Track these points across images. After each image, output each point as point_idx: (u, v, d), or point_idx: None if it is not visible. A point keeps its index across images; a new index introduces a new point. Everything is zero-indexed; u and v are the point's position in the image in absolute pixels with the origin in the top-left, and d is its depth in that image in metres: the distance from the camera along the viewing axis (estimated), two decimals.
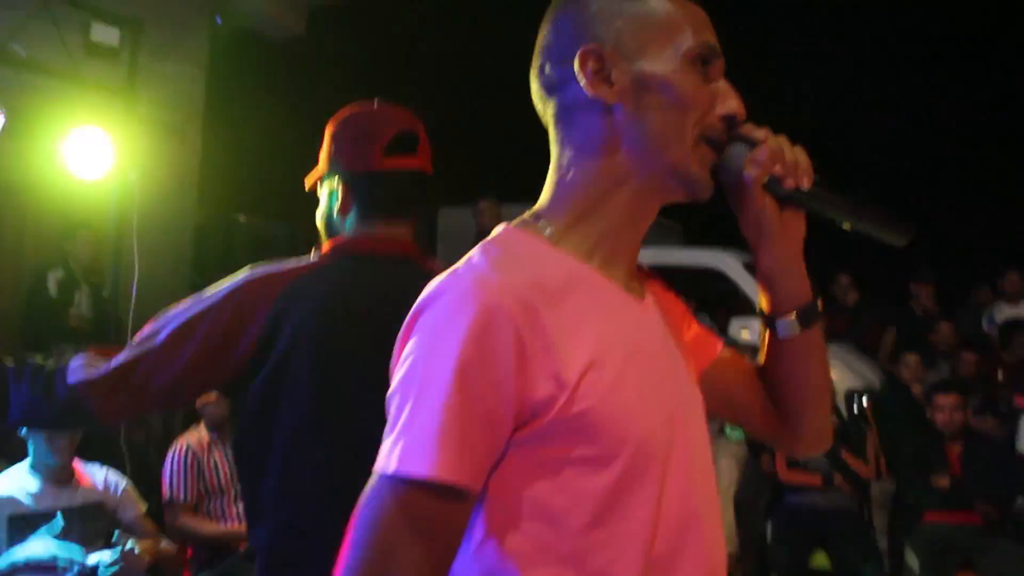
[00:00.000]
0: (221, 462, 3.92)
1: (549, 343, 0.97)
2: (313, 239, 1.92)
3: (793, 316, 1.18)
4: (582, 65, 1.07)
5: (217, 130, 6.51)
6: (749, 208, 1.12)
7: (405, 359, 0.98)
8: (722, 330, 6.52)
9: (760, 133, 1.09)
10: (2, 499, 2.96)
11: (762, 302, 1.22)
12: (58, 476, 3.10)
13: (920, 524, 4.76)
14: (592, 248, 1.09)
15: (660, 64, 1.06)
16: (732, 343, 5.34)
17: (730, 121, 1.08)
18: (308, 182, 1.88)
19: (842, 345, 7.14)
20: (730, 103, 1.08)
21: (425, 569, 0.93)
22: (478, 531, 1.00)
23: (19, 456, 3.20)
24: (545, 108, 1.14)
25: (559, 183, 1.11)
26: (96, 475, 3.26)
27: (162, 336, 1.63)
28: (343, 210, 1.79)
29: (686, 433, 1.09)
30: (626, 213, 1.10)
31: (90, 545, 3.09)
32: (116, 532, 3.12)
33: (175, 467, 3.87)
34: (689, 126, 1.06)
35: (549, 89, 1.12)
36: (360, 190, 1.79)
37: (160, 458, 4.04)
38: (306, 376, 1.62)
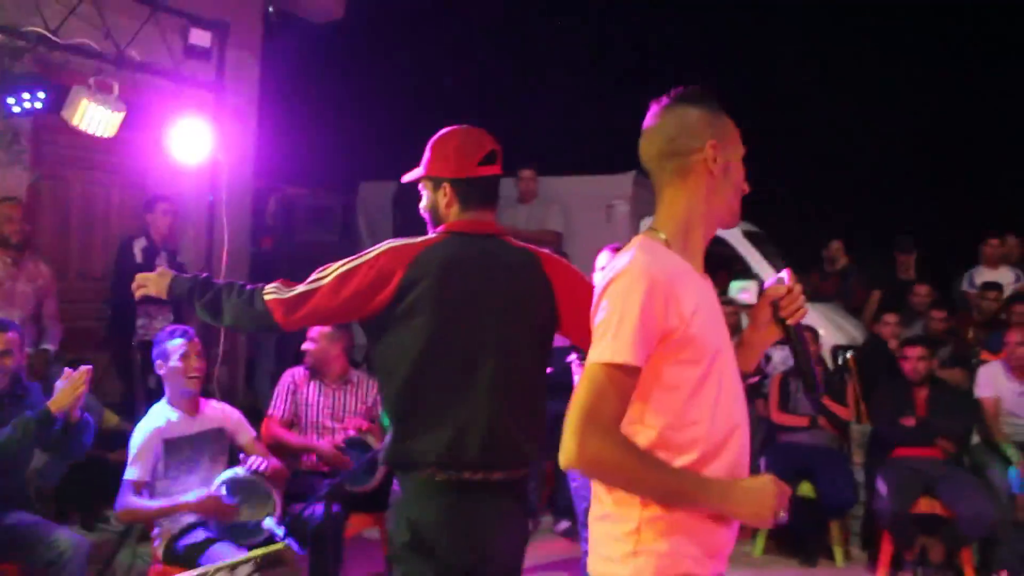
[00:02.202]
0: (312, 397, 4.71)
1: (678, 299, 1.84)
2: (349, 205, 2.81)
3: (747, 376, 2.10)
4: (711, 150, 1.95)
5: (269, 109, 7.17)
6: (760, 312, 2.11)
7: (605, 305, 1.83)
8: (722, 291, 7.28)
9: (791, 282, 2.08)
10: (156, 428, 3.75)
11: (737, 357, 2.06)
12: (189, 407, 3.90)
13: (890, 458, 5.56)
14: (683, 250, 1.97)
15: (734, 158, 1.99)
16: (729, 302, 6.07)
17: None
18: (406, 178, 2.68)
19: (831, 305, 7.93)
20: (745, 186, 2.03)
21: (618, 410, 1.80)
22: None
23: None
24: (665, 163, 1.99)
25: (670, 211, 2.00)
26: (215, 407, 4.05)
27: (329, 279, 2.49)
28: (449, 204, 2.60)
29: (729, 352, 1.98)
30: (702, 233, 2.01)
31: (216, 460, 3.90)
32: (240, 455, 3.91)
33: (279, 389, 4.73)
34: (737, 196, 2.02)
35: (677, 154, 1.98)
36: (462, 190, 2.59)
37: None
38: (430, 314, 2.46)
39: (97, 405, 5.21)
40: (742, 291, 6.36)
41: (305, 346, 4.72)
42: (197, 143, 4.87)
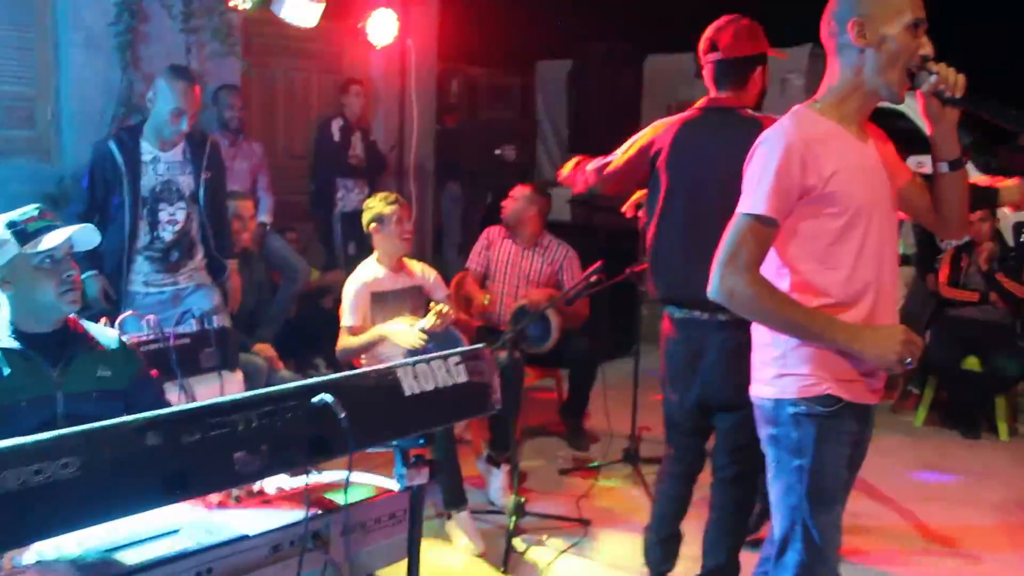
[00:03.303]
0: (504, 255, 5.15)
1: (817, 160, 2.07)
2: (527, 84, 3.59)
3: (947, 165, 2.24)
4: (852, 28, 2.10)
5: None
6: (928, 104, 2.15)
7: (754, 164, 2.15)
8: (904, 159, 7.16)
9: (937, 67, 2.12)
10: (367, 281, 4.32)
11: (933, 153, 2.27)
12: (394, 266, 4.44)
13: None
14: (839, 117, 2.16)
15: (891, 29, 2.09)
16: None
17: (924, 58, 2.15)
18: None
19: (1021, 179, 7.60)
20: (925, 49, 2.12)
21: (756, 254, 2.10)
22: (777, 245, 2.18)
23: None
24: (829, 40, 2.18)
25: (828, 82, 2.19)
26: (415, 267, 4.59)
27: (617, 154, 3.23)
28: (708, 83, 3.15)
29: (881, 213, 2.17)
30: (859, 102, 2.17)
31: (416, 313, 4.46)
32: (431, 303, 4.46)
33: (477, 246, 5.25)
34: (901, 63, 2.10)
35: (833, 33, 2.16)
36: (715, 72, 3.12)
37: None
38: (677, 168, 3.07)
39: (306, 267, 5.93)
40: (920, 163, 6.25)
41: (505, 202, 5.17)
42: (387, 28, 5.30)
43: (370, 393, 1.74)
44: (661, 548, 3.33)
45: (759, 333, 2.24)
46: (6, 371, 2.25)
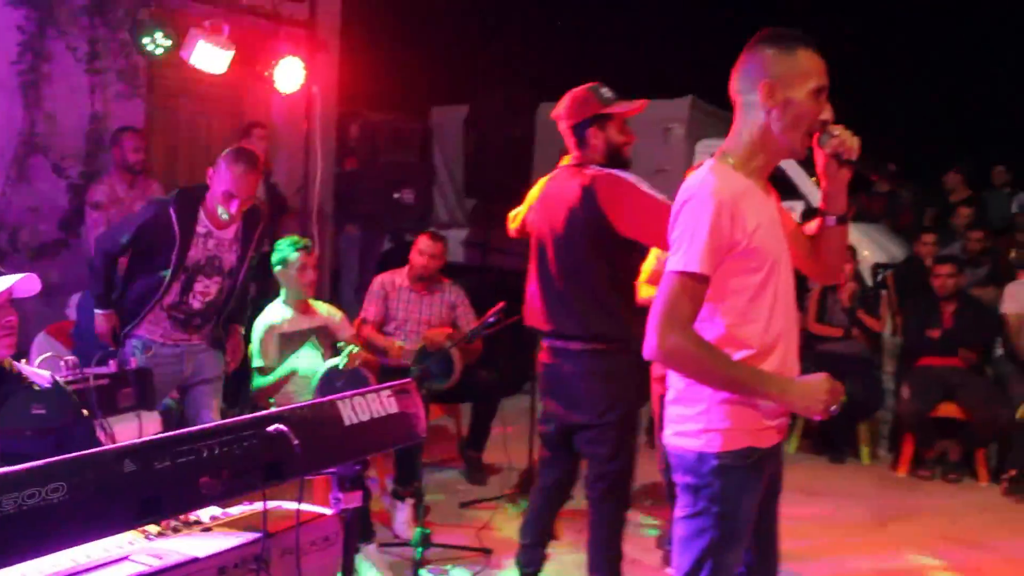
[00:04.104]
0: (413, 302, 5.39)
1: (743, 215, 2.14)
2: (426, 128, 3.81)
3: (834, 219, 2.38)
4: (762, 88, 2.20)
5: (351, 41, 7.70)
6: (828, 164, 2.28)
7: (684, 220, 2.17)
8: None
9: (837, 129, 2.25)
10: (274, 323, 4.47)
11: (822, 206, 2.46)
12: (300, 307, 4.60)
13: (916, 366, 6.09)
14: (750, 173, 2.24)
15: (797, 93, 2.19)
16: None
17: (823, 122, 2.25)
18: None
19: (877, 225, 8.33)
20: (826, 114, 2.24)
21: (691, 311, 2.13)
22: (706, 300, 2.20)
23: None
24: (737, 96, 2.28)
25: (738, 140, 2.27)
26: (321, 308, 4.76)
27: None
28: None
29: (785, 264, 2.27)
30: (765, 159, 2.27)
31: (324, 353, 4.62)
32: (338, 344, 4.63)
33: (370, 295, 5.42)
34: (803, 126, 2.22)
35: (741, 91, 2.26)
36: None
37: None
38: (533, 220, 3.62)
39: None
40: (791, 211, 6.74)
41: (416, 257, 5.38)
42: (294, 76, 5.49)
43: (314, 423, 1.94)
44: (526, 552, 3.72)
45: (679, 385, 2.30)
46: None
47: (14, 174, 5.25)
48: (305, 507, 2.21)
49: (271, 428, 1.78)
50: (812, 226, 2.49)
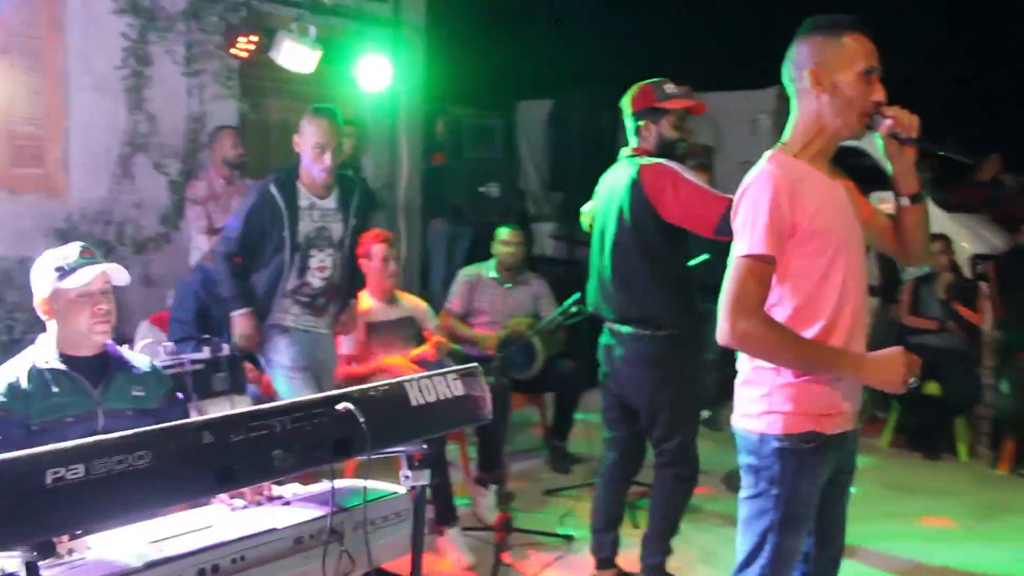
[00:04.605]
0: (498, 294, 5.49)
1: (802, 199, 2.20)
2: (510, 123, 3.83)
3: (907, 199, 2.39)
4: (810, 75, 2.27)
5: (438, 38, 7.83)
6: (887, 144, 2.30)
7: (744, 208, 2.25)
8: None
9: (891, 110, 2.28)
10: (361, 312, 4.60)
11: (895, 188, 2.45)
12: (386, 298, 4.74)
13: (1015, 360, 5.86)
14: (809, 158, 2.30)
15: (845, 76, 2.25)
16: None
17: (876, 103, 2.28)
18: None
19: (977, 216, 8.01)
20: (878, 96, 2.27)
21: (760, 294, 2.20)
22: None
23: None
24: (790, 84, 2.35)
25: (795, 128, 2.34)
26: (406, 299, 4.90)
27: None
28: None
29: (854, 246, 2.31)
30: (823, 143, 2.32)
31: (408, 341, 4.75)
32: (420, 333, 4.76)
33: (458, 287, 5.52)
34: (855, 108, 2.25)
35: (793, 79, 2.33)
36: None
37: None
38: (596, 205, 3.77)
39: None
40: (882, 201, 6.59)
41: (500, 249, 5.49)
42: (379, 74, 5.64)
43: (382, 403, 2.03)
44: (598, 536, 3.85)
45: (746, 369, 2.35)
46: (54, 389, 2.52)
47: (119, 172, 5.53)
48: (376, 484, 2.30)
49: (340, 406, 1.87)
50: (888, 207, 2.48)
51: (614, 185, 3.58)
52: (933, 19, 10.66)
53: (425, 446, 2.17)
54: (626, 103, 3.60)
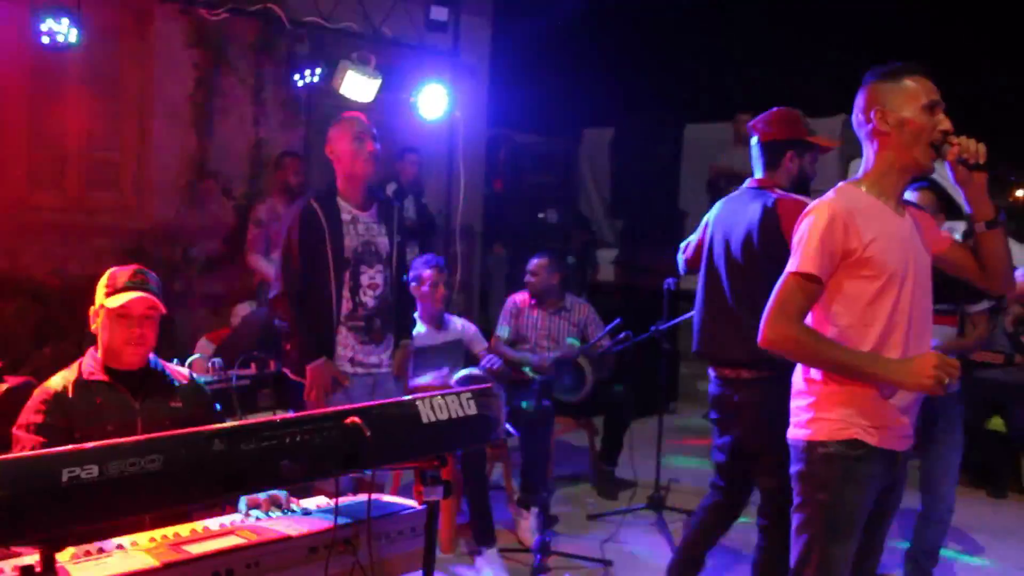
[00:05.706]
0: (532, 320, 5.56)
1: (858, 227, 2.36)
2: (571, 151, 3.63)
3: (983, 224, 2.49)
4: (875, 116, 2.43)
5: (501, 66, 7.98)
6: (957, 171, 2.43)
7: (801, 230, 2.43)
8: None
9: (957, 139, 2.39)
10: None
11: (971, 215, 2.54)
12: (435, 323, 4.84)
13: None
14: (878, 193, 2.46)
15: (909, 112, 2.40)
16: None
17: (944, 133, 2.41)
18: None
19: None
20: (943, 125, 2.41)
21: (802, 307, 2.38)
22: (822, 301, 2.43)
23: None
24: (859, 129, 2.51)
25: (867, 164, 2.50)
26: (455, 322, 4.99)
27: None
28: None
29: (914, 279, 2.42)
30: (894, 178, 2.47)
31: (457, 364, 4.84)
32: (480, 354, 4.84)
33: (504, 312, 5.60)
34: (923, 141, 2.40)
35: (861, 124, 2.49)
36: (753, 155, 3.53)
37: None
38: (711, 239, 3.52)
39: None
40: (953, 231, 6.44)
41: (528, 278, 5.55)
42: (438, 102, 5.79)
43: (393, 419, 2.10)
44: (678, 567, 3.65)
45: (796, 381, 2.50)
46: (97, 400, 2.68)
47: (188, 197, 5.80)
48: (389, 498, 2.38)
49: (347, 420, 1.95)
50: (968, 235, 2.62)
51: (740, 214, 3.34)
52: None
53: (436, 462, 2.23)
54: (760, 125, 3.43)
